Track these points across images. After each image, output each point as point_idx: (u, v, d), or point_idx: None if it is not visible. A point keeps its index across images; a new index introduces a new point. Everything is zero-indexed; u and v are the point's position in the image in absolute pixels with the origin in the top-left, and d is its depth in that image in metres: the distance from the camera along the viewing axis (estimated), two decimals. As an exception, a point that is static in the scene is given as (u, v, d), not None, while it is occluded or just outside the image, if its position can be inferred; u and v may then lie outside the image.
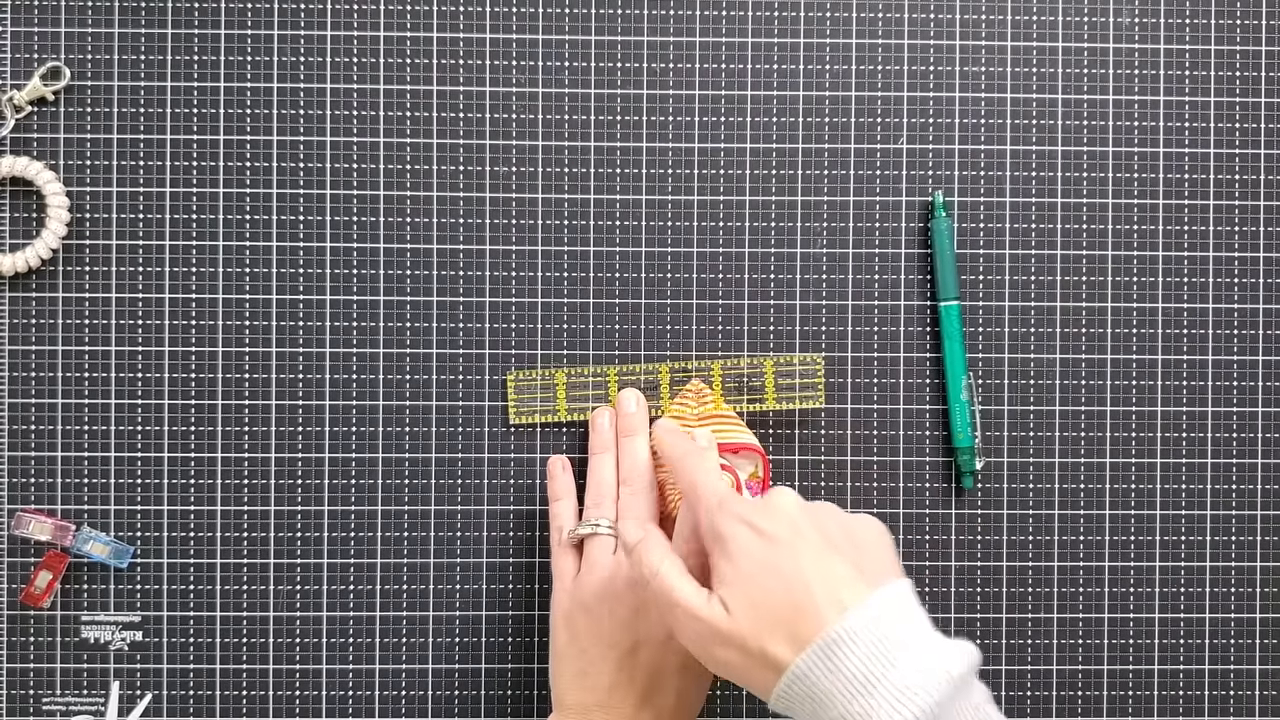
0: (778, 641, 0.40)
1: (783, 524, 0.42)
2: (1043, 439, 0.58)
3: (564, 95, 0.57)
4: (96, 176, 0.57)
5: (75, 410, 0.56)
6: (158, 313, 0.57)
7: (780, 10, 0.58)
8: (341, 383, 0.57)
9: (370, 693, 0.57)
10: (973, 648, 0.41)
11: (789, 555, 0.41)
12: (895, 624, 0.40)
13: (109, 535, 0.56)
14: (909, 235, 0.58)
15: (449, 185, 0.57)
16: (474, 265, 0.57)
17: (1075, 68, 0.58)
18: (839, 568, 0.41)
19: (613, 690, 0.49)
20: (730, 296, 0.57)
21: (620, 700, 0.48)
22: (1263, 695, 0.58)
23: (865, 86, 0.58)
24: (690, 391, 0.56)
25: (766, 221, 0.58)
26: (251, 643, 0.57)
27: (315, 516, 0.57)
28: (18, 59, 0.56)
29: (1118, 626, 0.58)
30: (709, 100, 0.57)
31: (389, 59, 0.57)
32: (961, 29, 0.58)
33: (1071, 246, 0.58)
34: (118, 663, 0.56)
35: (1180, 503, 0.58)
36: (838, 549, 0.42)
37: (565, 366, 0.57)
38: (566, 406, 0.57)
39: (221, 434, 0.57)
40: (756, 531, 0.42)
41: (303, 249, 0.57)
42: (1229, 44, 0.58)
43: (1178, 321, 0.58)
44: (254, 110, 0.57)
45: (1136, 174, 0.58)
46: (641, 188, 0.57)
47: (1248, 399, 0.58)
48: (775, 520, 0.42)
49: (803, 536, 0.42)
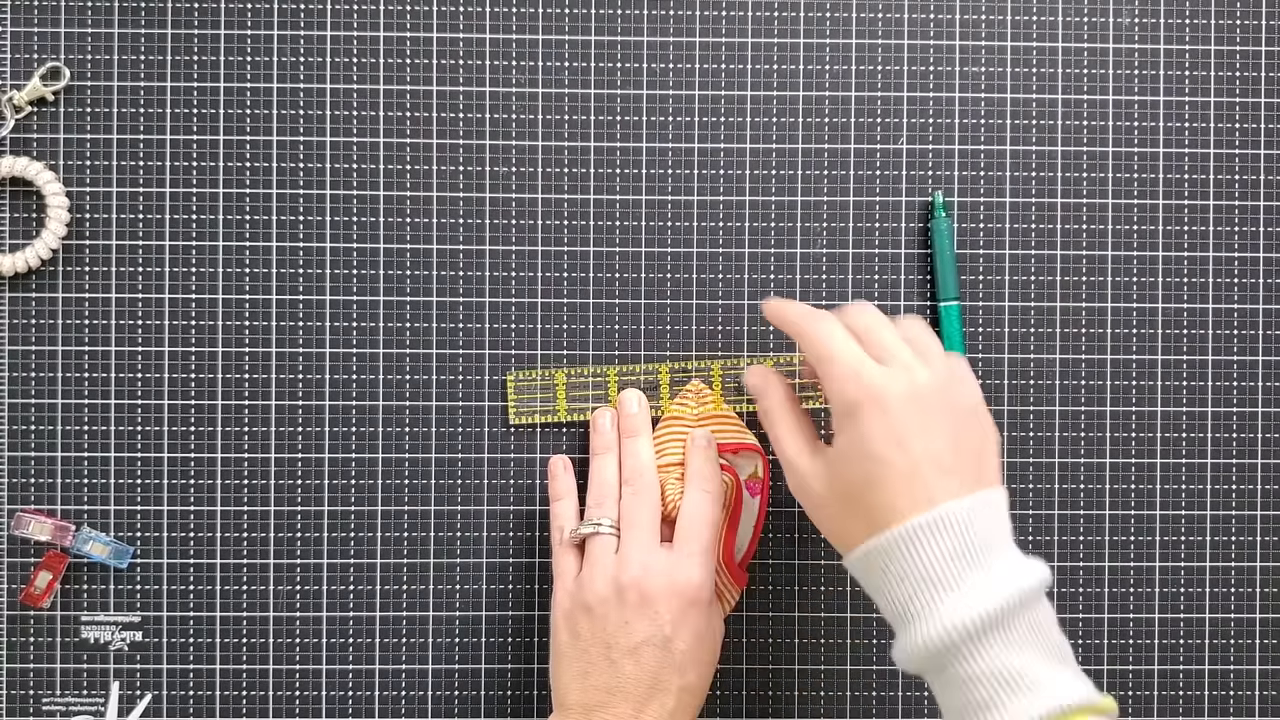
0: (866, 517, 0.43)
1: (914, 425, 0.44)
2: (1043, 439, 0.58)
3: (564, 95, 0.57)
4: (96, 176, 0.57)
5: (75, 410, 0.56)
6: (158, 313, 0.57)
7: (780, 10, 0.58)
8: (341, 383, 0.57)
9: (370, 693, 0.57)
10: (1045, 568, 0.43)
11: (906, 459, 0.43)
12: (981, 528, 0.42)
13: (109, 535, 0.56)
14: (909, 235, 0.58)
15: (449, 185, 0.57)
16: (474, 265, 0.57)
17: (1075, 68, 0.58)
18: (948, 460, 0.43)
19: (614, 691, 0.49)
20: (730, 296, 0.57)
21: (622, 701, 0.48)
22: (1263, 695, 0.58)
23: (865, 86, 0.58)
24: (690, 391, 0.56)
25: (766, 221, 0.58)
26: (251, 643, 0.57)
27: (315, 516, 0.57)
28: (18, 59, 0.56)
29: (1117, 626, 0.58)
30: (709, 100, 0.58)
31: (389, 59, 0.57)
32: (961, 29, 0.58)
33: (1071, 246, 0.58)
34: (118, 663, 0.56)
35: (1180, 503, 0.58)
36: (956, 444, 0.44)
37: (565, 366, 0.57)
38: (566, 406, 0.57)
39: (221, 434, 0.57)
40: (888, 425, 0.43)
41: (303, 249, 0.57)
42: (1229, 44, 0.58)
43: (1178, 321, 0.58)
44: (254, 110, 0.57)
45: (1136, 174, 0.58)
46: (641, 188, 0.57)
47: (1248, 399, 0.58)
48: (907, 417, 0.44)
49: (925, 445, 0.43)
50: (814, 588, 0.58)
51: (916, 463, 0.43)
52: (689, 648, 0.50)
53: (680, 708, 0.50)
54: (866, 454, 0.44)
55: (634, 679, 0.49)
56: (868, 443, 0.44)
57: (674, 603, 0.50)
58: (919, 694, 0.58)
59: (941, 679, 0.42)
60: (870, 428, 0.44)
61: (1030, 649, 0.41)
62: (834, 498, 0.45)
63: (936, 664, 0.42)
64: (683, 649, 0.49)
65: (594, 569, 0.51)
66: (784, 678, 0.58)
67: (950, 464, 0.43)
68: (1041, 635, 0.42)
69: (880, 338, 0.46)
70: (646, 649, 0.49)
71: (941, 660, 0.42)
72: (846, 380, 0.45)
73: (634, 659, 0.49)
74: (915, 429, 0.43)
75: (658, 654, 0.49)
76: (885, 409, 0.44)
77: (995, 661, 0.41)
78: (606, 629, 0.50)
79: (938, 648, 0.41)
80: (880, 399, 0.44)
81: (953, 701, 0.42)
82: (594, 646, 0.50)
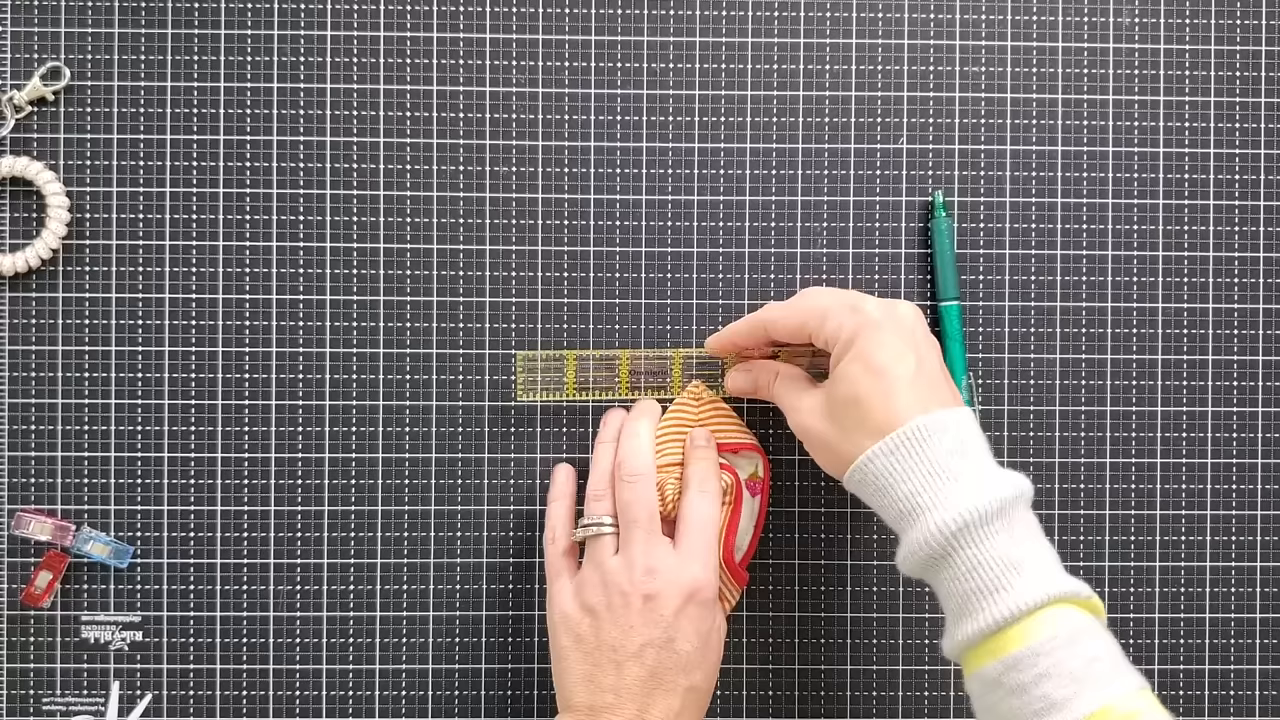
0: (870, 427, 0.47)
1: (905, 332, 0.49)
2: (1043, 439, 0.58)
3: (564, 95, 0.57)
4: (96, 176, 0.57)
5: (75, 410, 0.56)
6: (158, 313, 0.57)
7: (780, 10, 0.58)
8: (341, 383, 0.57)
9: (370, 693, 0.57)
10: (1026, 481, 0.47)
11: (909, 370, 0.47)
12: (973, 434, 0.47)
13: (109, 535, 0.56)
14: (909, 235, 0.58)
15: (449, 185, 0.57)
16: (474, 265, 0.57)
17: (1075, 68, 0.58)
18: (938, 376, 0.48)
19: (620, 692, 0.49)
20: (730, 296, 0.57)
21: (629, 702, 0.48)
22: (1263, 695, 0.58)
23: (865, 86, 0.58)
24: (691, 392, 0.56)
25: (766, 221, 0.58)
26: (251, 643, 0.57)
27: (315, 516, 0.57)
28: (18, 59, 0.56)
29: (1118, 626, 0.58)
30: (709, 100, 0.57)
31: (389, 59, 0.57)
32: (961, 29, 0.58)
33: (1071, 246, 0.58)
34: (118, 663, 0.56)
35: (1180, 503, 0.58)
36: (940, 366, 0.49)
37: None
38: (575, 384, 0.57)
39: (221, 434, 0.57)
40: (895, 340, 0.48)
41: (303, 249, 0.57)
42: (1229, 44, 0.58)
43: (1178, 321, 0.58)
44: (254, 110, 0.57)
45: (1136, 174, 0.58)
46: (641, 188, 0.57)
47: (1248, 399, 0.58)
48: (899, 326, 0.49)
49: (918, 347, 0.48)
50: (814, 588, 0.58)
51: (914, 373, 0.47)
52: (694, 648, 0.50)
53: (686, 708, 0.50)
54: (871, 367, 0.47)
55: (639, 680, 0.49)
56: (870, 358, 0.48)
57: (677, 603, 0.49)
58: (919, 694, 0.58)
59: (948, 570, 0.45)
60: (871, 345, 0.48)
61: (1031, 542, 0.45)
62: (840, 414, 0.49)
63: (943, 553, 0.45)
64: (687, 649, 0.49)
65: (595, 571, 0.51)
66: (784, 678, 0.58)
67: (940, 380, 0.48)
68: (1038, 531, 0.46)
69: (852, 296, 0.51)
70: (650, 650, 0.49)
71: (949, 548, 0.45)
72: (845, 314, 0.49)
73: (638, 661, 0.49)
74: (909, 346, 0.48)
75: (662, 655, 0.49)
76: (881, 329, 0.48)
77: (1001, 547, 0.44)
78: (610, 632, 0.50)
79: (951, 533, 0.44)
80: (878, 322, 0.48)
81: (958, 588, 0.45)
82: (598, 650, 0.50)
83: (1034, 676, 0.42)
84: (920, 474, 0.46)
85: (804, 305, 0.51)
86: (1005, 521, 0.45)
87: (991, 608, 0.43)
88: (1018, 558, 0.44)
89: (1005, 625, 0.43)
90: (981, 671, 0.44)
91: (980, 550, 0.44)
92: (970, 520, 0.44)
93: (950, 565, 0.45)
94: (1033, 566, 0.44)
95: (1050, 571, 0.44)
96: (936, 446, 0.46)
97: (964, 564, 0.44)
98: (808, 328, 0.51)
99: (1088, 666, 0.42)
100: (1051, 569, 0.44)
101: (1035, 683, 0.42)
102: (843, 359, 0.49)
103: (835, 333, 0.49)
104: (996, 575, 0.44)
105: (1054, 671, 0.42)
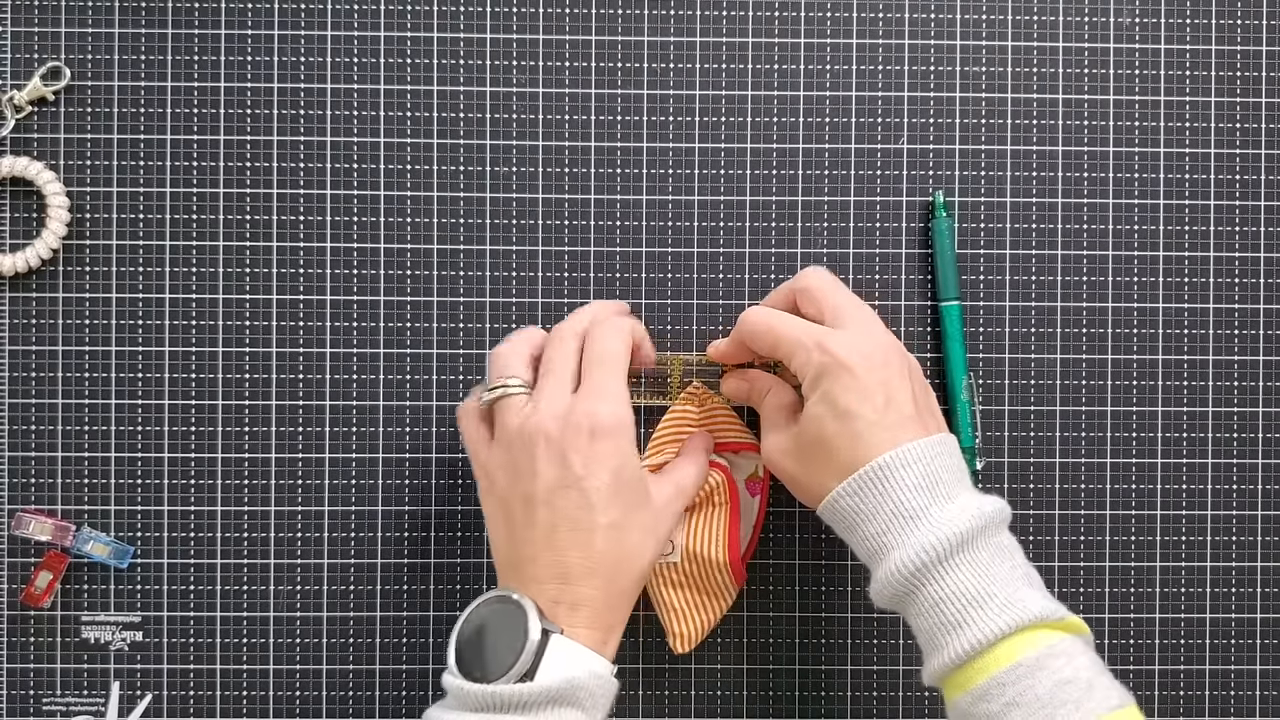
0: (838, 466, 0.47)
1: (874, 368, 0.48)
2: (1043, 439, 0.58)
3: (564, 95, 0.57)
4: (96, 176, 0.57)
5: (75, 410, 0.56)
6: (158, 313, 0.57)
7: (780, 10, 0.58)
8: (341, 383, 0.57)
9: (370, 693, 0.57)
10: (1004, 502, 0.47)
11: (875, 412, 0.47)
12: (941, 465, 0.47)
13: (109, 535, 0.56)
14: (909, 235, 0.58)
15: (449, 185, 0.57)
16: (474, 265, 0.57)
17: (1075, 68, 0.58)
18: (908, 409, 0.48)
19: (534, 542, 0.47)
20: (730, 296, 0.57)
21: (545, 549, 0.47)
22: (1263, 695, 0.58)
23: (865, 86, 0.58)
24: (692, 392, 0.56)
25: (766, 221, 0.58)
26: (251, 643, 0.57)
27: (315, 516, 0.57)
28: (18, 59, 0.56)
29: (1118, 627, 0.58)
30: (709, 100, 0.57)
31: (389, 59, 0.57)
32: (961, 29, 0.58)
33: (1071, 246, 0.58)
34: (118, 663, 0.56)
35: (1180, 503, 0.58)
36: (912, 395, 0.48)
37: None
38: None
39: (221, 434, 0.57)
40: (860, 384, 0.47)
41: (303, 249, 0.57)
42: (1229, 44, 0.58)
43: (1178, 321, 0.58)
44: (254, 110, 0.57)
45: (1136, 174, 0.58)
46: (641, 188, 0.57)
47: (1248, 399, 0.58)
48: (874, 374, 0.48)
49: (887, 382, 0.48)
50: (814, 588, 0.58)
51: (881, 411, 0.47)
52: (605, 485, 0.47)
53: (611, 548, 0.47)
54: (836, 411, 0.47)
55: (549, 526, 0.47)
56: (838, 399, 0.47)
57: (581, 442, 0.47)
58: (919, 694, 0.58)
59: (915, 606, 0.46)
60: (836, 388, 0.48)
61: (995, 570, 0.45)
62: (808, 455, 0.49)
63: (909, 589, 0.45)
64: (598, 486, 0.47)
65: (502, 429, 0.49)
66: (784, 678, 0.58)
67: (910, 412, 0.48)
68: (1006, 559, 0.46)
69: (836, 301, 0.50)
70: (559, 493, 0.47)
71: (914, 584, 0.45)
72: (813, 351, 0.48)
73: (548, 506, 0.47)
74: (878, 384, 0.48)
75: (572, 496, 0.47)
76: (851, 369, 0.48)
77: (963, 582, 0.45)
78: (519, 481, 0.48)
79: (911, 571, 0.45)
80: (843, 363, 0.48)
81: (925, 624, 0.46)
82: (510, 500, 0.48)
83: (1002, 706, 0.43)
84: (884, 514, 0.46)
85: (775, 332, 0.50)
86: (969, 554, 0.45)
87: (955, 642, 0.44)
88: (980, 591, 0.44)
89: (969, 658, 0.44)
90: (955, 702, 0.45)
91: (941, 586, 0.45)
92: (930, 559, 0.45)
93: (915, 602, 0.46)
94: (996, 597, 0.44)
95: (1015, 599, 0.44)
96: (900, 483, 0.46)
97: (927, 600, 0.45)
98: (778, 354, 0.51)
99: (1057, 691, 0.42)
100: (1017, 596, 0.44)
101: (1004, 712, 0.43)
102: (810, 398, 0.49)
103: (802, 369, 0.49)
104: (958, 610, 0.44)
105: (1021, 700, 0.43)
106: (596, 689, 0.46)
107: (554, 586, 0.47)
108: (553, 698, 0.44)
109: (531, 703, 0.44)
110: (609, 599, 0.48)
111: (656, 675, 0.58)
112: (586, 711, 0.45)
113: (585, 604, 0.47)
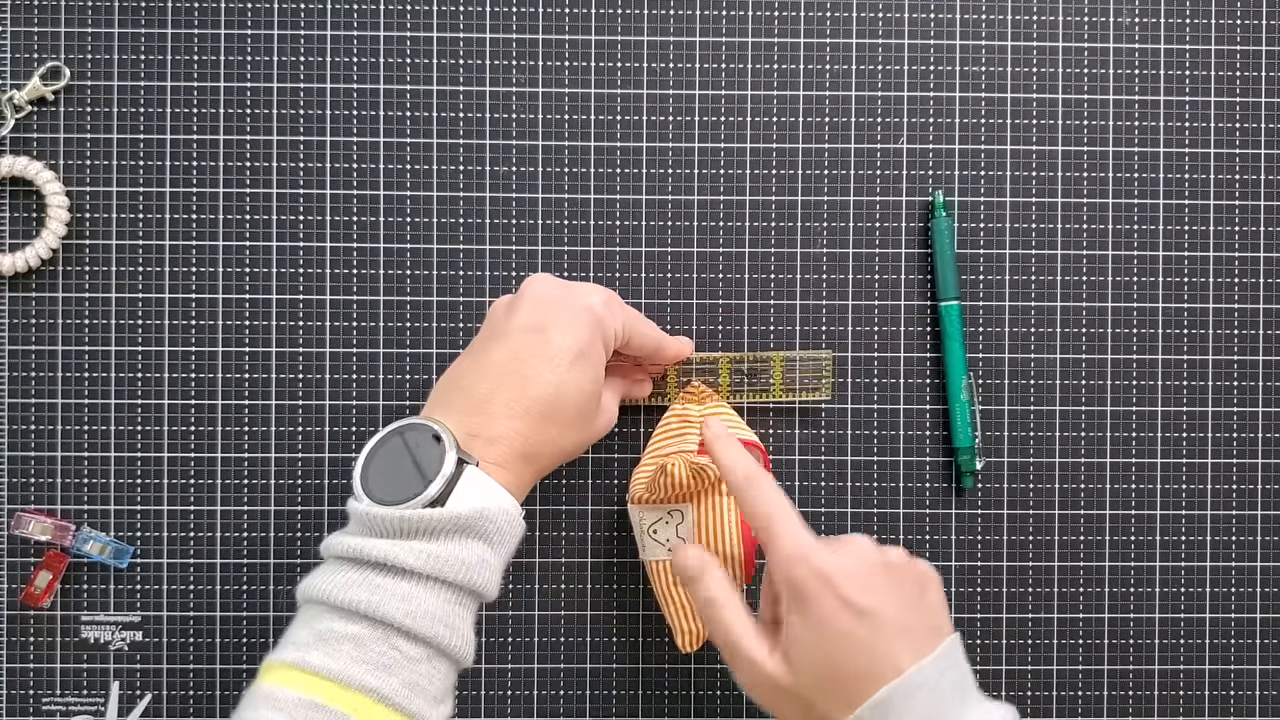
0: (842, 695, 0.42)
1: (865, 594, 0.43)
2: (1043, 439, 0.58)
3: (564, 95, 0.57)
4: (96, 176, 0.57)
5: (75, 410, 0.56)
6: (158, 313, 0.57)
7: (780, 10, 0.58)
8: (341, 383, 0.57)
9: (370, 693, 0.57)
10: (1013, 710, 0.43)
11: (867, 627, 0.42)
12: (947, 684, 0.42)
13: (109, 535, 0.56)
14: (909, 235, 0.58)
15: (449, 185, 0.57)
16: (474, 265, 0.57)
17: (1075, 68, 0.58)
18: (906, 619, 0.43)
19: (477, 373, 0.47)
20: (730, 296, 0.57)
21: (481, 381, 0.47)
22: (1263, 695, 0.58)
23: (865, 86, 0.58)
24: (692, 391, 0.56)
25: (766, 221, 0.58)
26: (251, 643, 0.57)
27: (315, 516, 0.57)
28: (18, 59, 0.56)
29: (1118, 626, 0.58)
30: (709, 100, 0.58)
31: (389, 59, 0.57)
32: (961, 29, 0.58)
33: (1071, 246, 0.58)
34: (118, 663, 0.56)
35: (1180, 503, 0.58)
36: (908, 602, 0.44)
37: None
38: None
39: (221, 434, 0.57)
40: (841, 600, 0.43)
41: (303, 249, 0.57)
42: (1229, 44, 0.58)
43: (1178, 321, 0.58)
44: (254, 110, 0.57)
45: (1136, 174, 0.58)
46: (641, 188, 0.57)
47: (1248, 399, 0.58)
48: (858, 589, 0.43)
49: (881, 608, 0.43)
50: (814, 588, 0.58)
51: (876, 630, 0.42)
52: (569, 344, 0.47)
53: (546, 397, 0.47)
54: (826, 634, 0.43)
55: (497, 363, 0.47)
56: (827, 622, 0.43)
57: (561, 306, 0.48)
58: (919, 694, 0.58)
59: None
60: (826, 607, 0.43)
61: None
62: (804, 685, 0.43)
63: None
64: (561, 342, 0.47)
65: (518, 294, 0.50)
66: (784, 678, 0.58)
67: (908, 622, 0.43)
68: None
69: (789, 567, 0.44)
70: (519, 334, 0.47)
71: None
72: (794, 563, 0.44)
73: (505, 341, 0.47)
74: (868, 599, 0.43)
75: (531, 339, 0.47)
76: (836, 586, 0.43)
77: None
78: (493, 322, 0.49)
79: None
80: (830, 578, 0.43)
81: None
82: (481, 338, 0.49)
83: None
84: None
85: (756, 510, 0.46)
86: None
87: None
88: None
89: None
90: None
91: None
92: None
93: None
94: None
95: None
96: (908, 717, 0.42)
97: None
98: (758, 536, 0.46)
99: None
100: None
101: None
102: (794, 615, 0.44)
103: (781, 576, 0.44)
104: None
105: None
106: (505, 525, 0.45)
107: (476, 419, 0.46)
108: (461, 526, 0.43)
109: (439, 529, 0.43)
110: (527, 444, 0.47)
111: (656, 675, 0.58)
112: (493, 547, 0.44)
113: (502, 441, 0.46)
